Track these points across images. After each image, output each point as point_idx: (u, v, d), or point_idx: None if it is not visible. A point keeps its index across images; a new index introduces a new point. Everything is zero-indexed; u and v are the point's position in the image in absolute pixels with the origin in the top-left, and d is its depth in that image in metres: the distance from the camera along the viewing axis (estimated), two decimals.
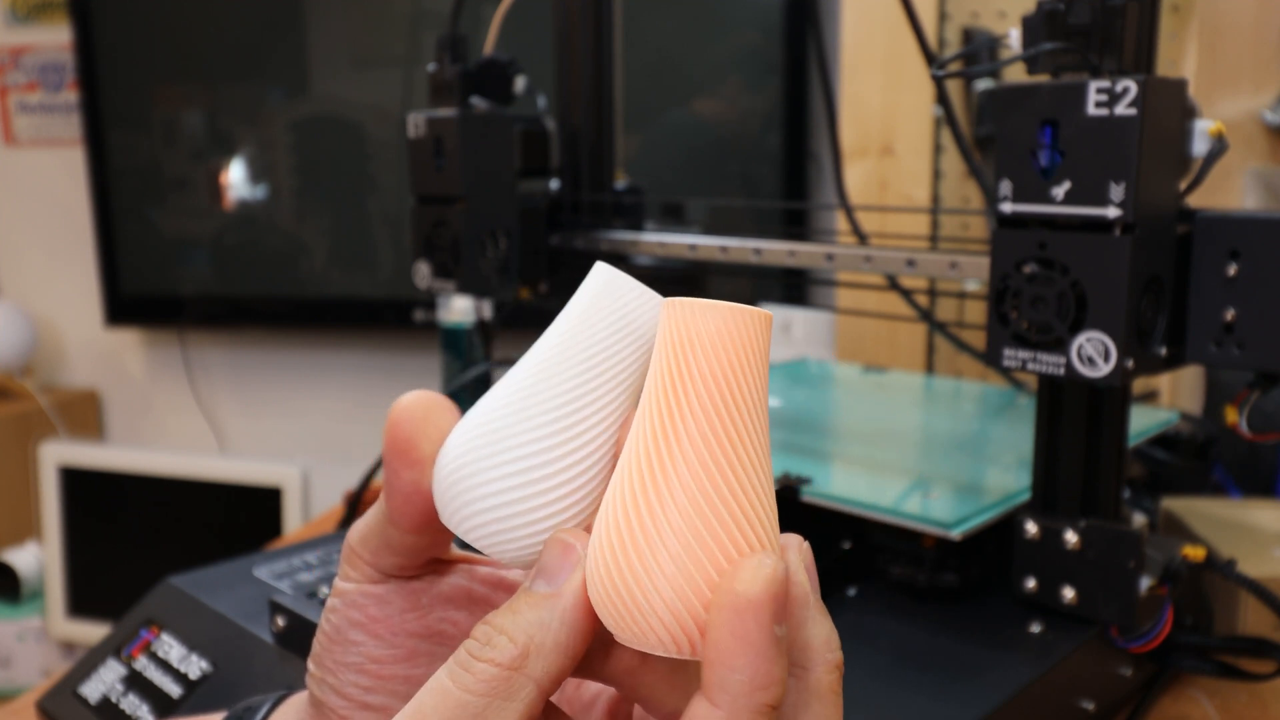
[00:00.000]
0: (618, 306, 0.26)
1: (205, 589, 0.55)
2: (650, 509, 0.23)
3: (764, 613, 0.21)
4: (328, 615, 0.29)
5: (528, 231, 0.72)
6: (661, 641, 0.23)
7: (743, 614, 0.21)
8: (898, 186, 1.11)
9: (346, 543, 0.29)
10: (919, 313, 0.78)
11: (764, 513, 0.23)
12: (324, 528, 0.92)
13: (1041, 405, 0.52)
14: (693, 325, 0.23)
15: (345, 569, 0.29)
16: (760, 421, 0.23)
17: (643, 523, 0.23)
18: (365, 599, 0.28)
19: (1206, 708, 0.55)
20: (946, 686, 0.45)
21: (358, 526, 0.29)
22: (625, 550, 0.23)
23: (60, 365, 2.05)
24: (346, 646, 0.28)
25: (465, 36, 0.69)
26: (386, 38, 1.67)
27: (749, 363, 0.23)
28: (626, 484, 0.23)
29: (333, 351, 1.87)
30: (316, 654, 0.29)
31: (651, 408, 0.23)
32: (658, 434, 0.23)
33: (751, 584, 0.21)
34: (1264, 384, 0.46)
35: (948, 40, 1.10)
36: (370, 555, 0.28)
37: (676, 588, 0.22)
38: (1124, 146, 0.43)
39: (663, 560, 0.22)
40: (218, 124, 1.77)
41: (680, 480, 0.22)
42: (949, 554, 0.53)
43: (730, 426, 0.23)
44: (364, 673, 0.28)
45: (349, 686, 0.28)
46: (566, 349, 0.26)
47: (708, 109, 1.51)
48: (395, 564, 0.29)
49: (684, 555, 0.22)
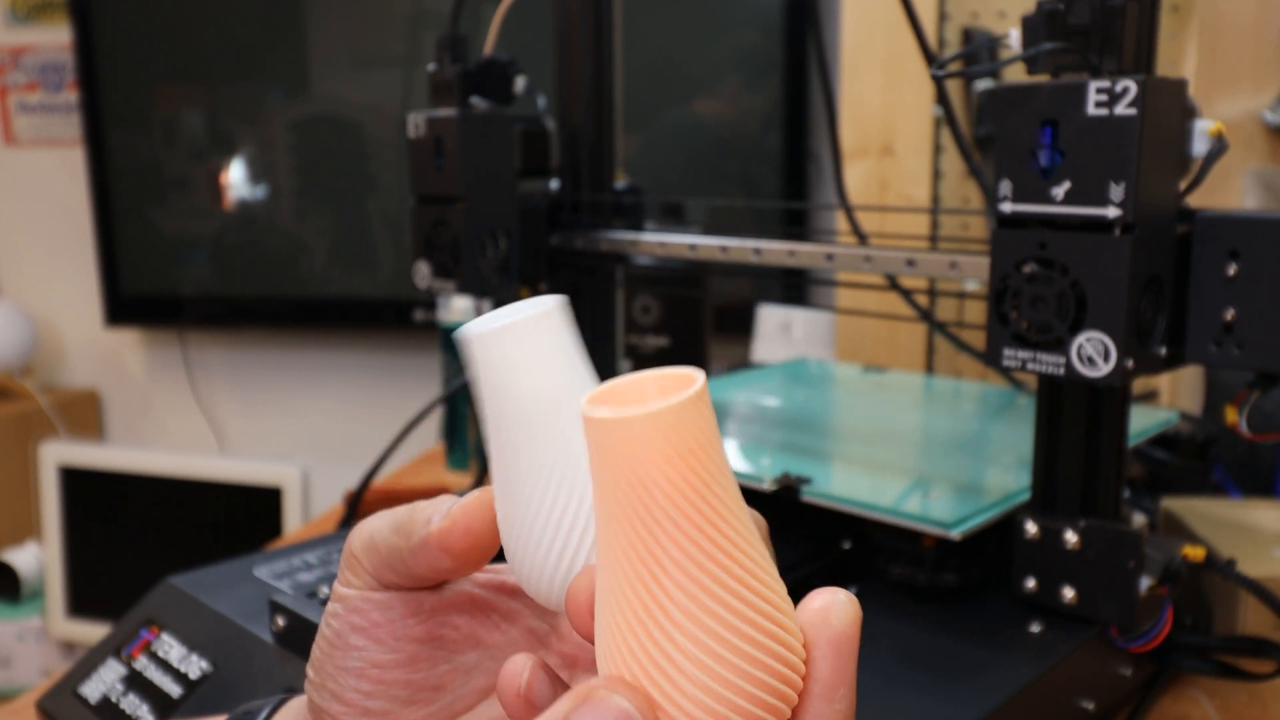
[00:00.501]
0: (508, 369, 0.27)
1: (205, 589, 0.55)
2: (662, 651, 0.22)
3: (856, 644, 0.24)
4: (328, 621, 0.29)
5: (528, 231, 0.72)
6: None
7: (842, 649, 0.23)
8: (898, 186, 1.11)
9: (348, 548, 0.29)
10: (919, 313, 0.78)
11: (770, 596, 0.23)
12: (324, 528, 0.92)
13: (1041, 405, 0.52)
14: (621, 451, 0.21)
15: (346, 575, 0.29)
16: (727, 501, 0.22)
17: (660, 668, 0.22)
18: (367, 604, 0.28)
19: (1206, 708, 0.55)
20: (946, 686, 0.45)
21: (361, 533, 0.28)
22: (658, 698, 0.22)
23: (60, 365, 2.05)
24: (347, 651, 0.28)
25: (465, 36, 0.69)
26: (386, 38, 1.67)
27: (695, 456, 0.21)
28: (627, 631, 0.22)
29: (333, 351, 1.87)
30: (316, 659, 0.29)
31: (618, 541, 0.22)
32: (636, 570, 0.22)
33: (848, 621, 0.23)
34: (1264, 384, 0.46)
35: (948, 40, 1.10)
36: (373, 567, 0.28)
37: (718, 712, 0.22)
38: (1124, 146, 0.43)
39: (694, 694, 0.22)
40: (218, 124, 1.77)
41: (679, 610, 0.22)
42: (949, 554, 0.53)
43: (704, 531, 0.21)
44: (365, 677, 0.28)
45: (350, 692, 0.28)
46: (492, 438, 0.27)
47: (708, 109, 1.51)
48: (397, 582, 0.28)
49: (714, 684, 0.22)
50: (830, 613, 0.23)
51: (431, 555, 0.27)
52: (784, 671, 0.22)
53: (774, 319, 1.20)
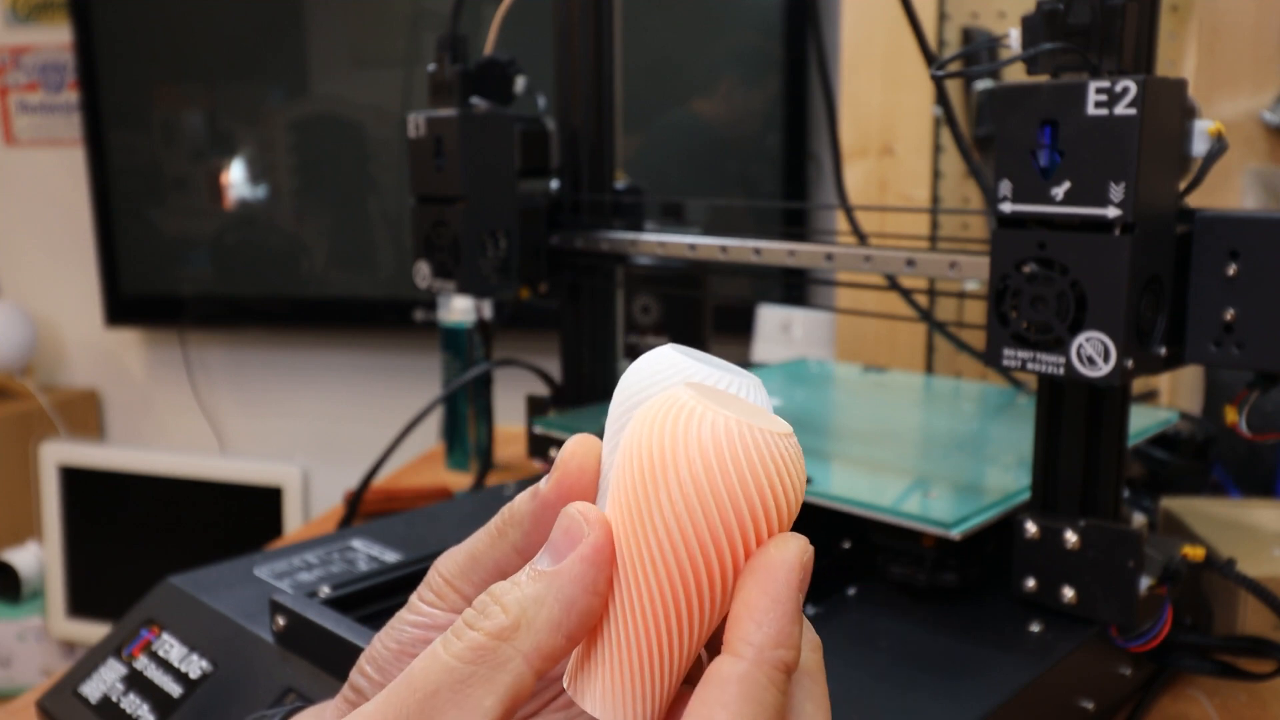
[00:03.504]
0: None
1: (205, 589, 0.55)
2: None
3: (793, 575, 0.23)
4: (404, 628, 0.29)
5: (528, 231, 0.72)
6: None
7: (774, 573, 0.23)
8: (897, 186, 1.11)
9: (440, 571, 0.29)
10: (919, 313, 0.79)
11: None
12: (324, 528, 0.92)
13: (1041, 405, 0.52)
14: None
15: (432, 596, 0.29)
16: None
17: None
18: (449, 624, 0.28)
19: (1206, 707, 0.55)
20: (946, 686, 0.45)
21: (457, 560, 0.28)
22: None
23: (60, 365, 2.05)
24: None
25: (465, 36, 0.69)
26: (386, 38, 1.67)
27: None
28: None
29: (333, 351, 1.87)
30: (381, 659, 0.29)
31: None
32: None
33: (784, 549, 0.23)
34: (1264, 384, 0.46)
35: (948, 40, 1.10)
36: (472, 589, 0.28)
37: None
38: (1124, 146, 0.43)
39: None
40: (218, 124, 1.77)
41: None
42: (949, 554, 0.53)
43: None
44: None
45: None
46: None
47: (707, 109, 1.51)
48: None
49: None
50: (771, 545, 0.23)
51: (555, 515, 0.27)
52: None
53: (774, 319, 1.20)
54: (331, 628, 0.45)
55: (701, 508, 0.22)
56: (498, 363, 0.91)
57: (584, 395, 0.77)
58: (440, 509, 0.68)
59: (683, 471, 0.22)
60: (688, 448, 0.22)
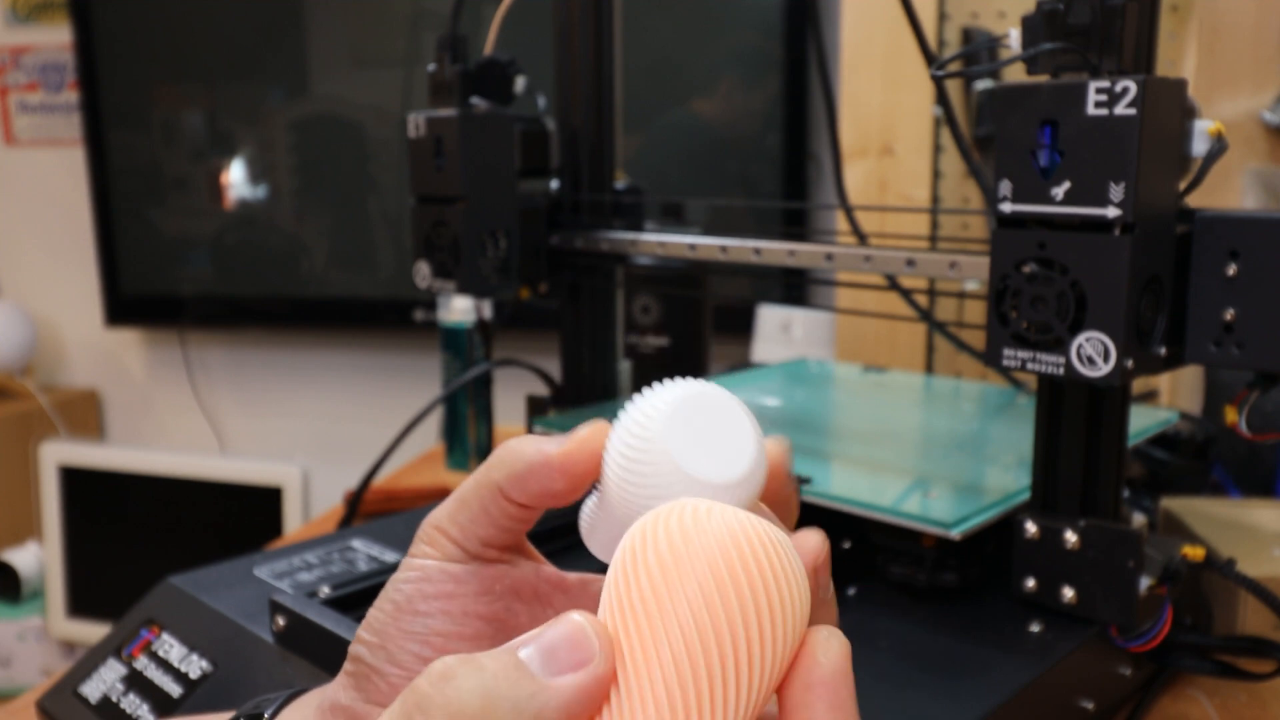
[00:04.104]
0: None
1: (205, 589, 0.55)
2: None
3: (850, 679, 0.23)
4: (398, 586, 0.29)
5: (528, 231, 0.72)
6: None
7: (835, 685, 0.23)
8: (897, 186, 1.11)
9: (427, 523, 0.30)
10: (919, 313, 0.79)
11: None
12: (324, 528, 0.92)
13: (1041, 405, 0.52)
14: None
15: (424, 548, 0.30)
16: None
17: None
18: (443, 576, 0.29)
19: (1206, 707, 0.55)
20: (946, 686, 0.45)
21: (444, 508, 0.30)
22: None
23: (60, 365, 2.05)
24: (414, 617, 0.29)
25: (465, 36, 0.69)
26: (386, 38, 1.67)
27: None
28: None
29: (333, 351, 1.87)
30: (379, 622, 0.29)
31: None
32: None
33: (836, 656, 0.23)
34: (1264, 384, 0.46)
35: (948, 40, 1.10)
36: (459, 531, 0.29)
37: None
38: (1124, 146, 0.43)
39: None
40: (218, 124, 1.77)
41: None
42: (949, 554, 0.53)
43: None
44: (427, 644, 0.29)
45: (408, 656, 0.29)
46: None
47: (707, 109, 1.51)
48: (485, 538, 0.29)
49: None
50: (818, 651, 0.23)
51: (548, 476, 0.28)
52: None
53: (774, 319, 1.20)
54: (331, 628, 0.45)
55: (721, 602, 0.22)
56: (498, 363, 0.91)
57: (584, 395, 0.77)
58: None
59: (699, 567, 0.22)
60: (701, 551, 0.23)
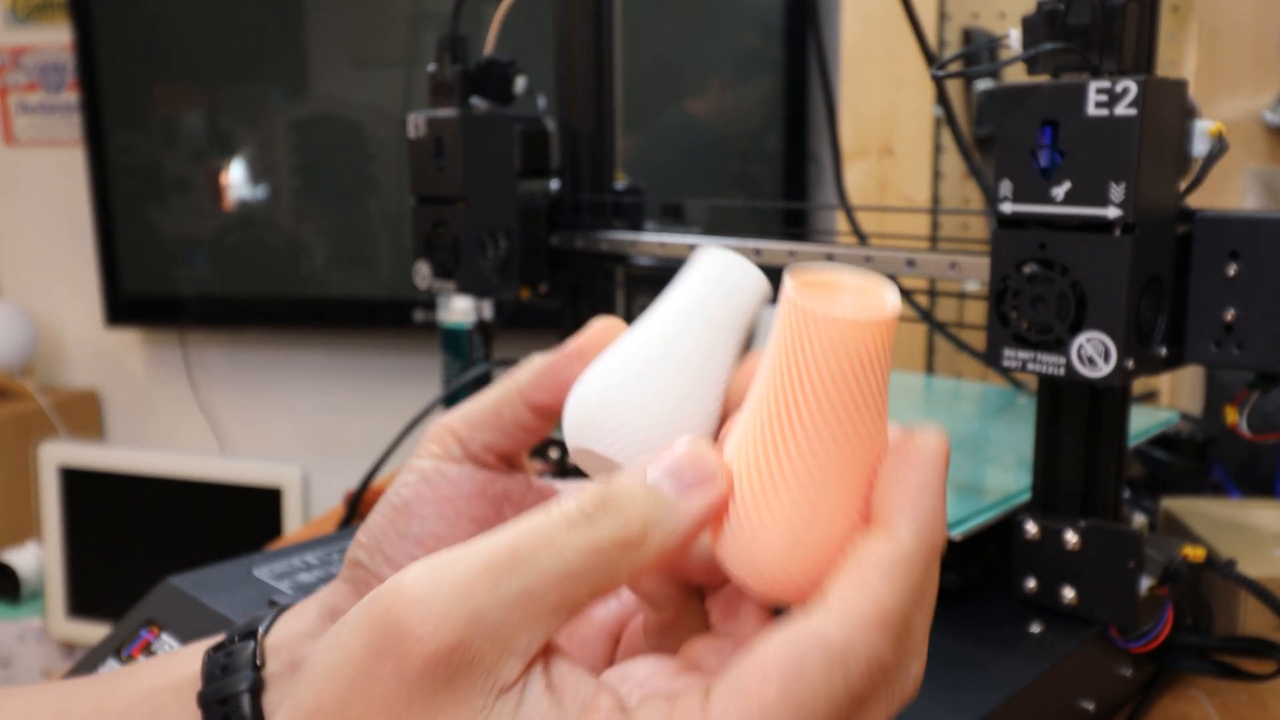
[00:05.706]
0: (728, 294, 0.32)
1: (205, 589, 0.55)
2: (768, 478, 0.25)
3: (944, 464, 0.25)
4: (397, 489, 0.30)
5: (528, 231, 0.72)
6: (771, 588, 0.25)
7: (932, 462, 0.24)
8: (897, 186, 1.11)
9: (438, 424, 0.31)
10: (919, 313, 0.79)
11: (863, 486, 0.25)
12: (324, 528, 0.92)
13: (1041, 405, 0.52)
14: (811, 339, 0.24)
15: (428, 447, 0.31)
16: (870, 416, 0.25)
17: (763, 489, 0.25)
18: (440, 477, 0.30)
19: (1206, 708, 0.55)
20: (946, 686, 0.45)
21: (457, 410, 0.31)
22: (747, 508, 0.25)
23: (60, 365, 2.05)
24: (410, 519, 0.30)
25: (465, 36, 0.69)
26: (386, 38, 1.67)
27: (865, 373, 0.24)
28: (748, 457, 0.25)
29: (333, 351, 1.87)
30: (377, 525, 0.30)
31: (770, 397, 0.25)
32: (774, 421, 0.25)
33: (936, 440, 0.25)
34: (1264, 384, 0.46)
35: (948, 40, 1.10)
36: (468, 431, 0.30)
37: (790, 543, 0.24)
38: (1124, 147, 0.43)
39: (779, 517, 0.25)
40: (218, 124, 1.77)
41: (793, 460, 0.25)
42: (949, 554, 0.53)
43: (841, 423, 0.24)
44: (422, 546, 0.30)
45: (404, 558, 0.30)
46: (688, 324, 0.31)
47: (707, 109, 1.51)
48: (489, 443, 0.30)
49: (797, 514, 0.24)
50: (916, 434, 0.25)
51: (568, 367, 0.30)
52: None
53: None
54: None
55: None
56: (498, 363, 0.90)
57: None
58: None
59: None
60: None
